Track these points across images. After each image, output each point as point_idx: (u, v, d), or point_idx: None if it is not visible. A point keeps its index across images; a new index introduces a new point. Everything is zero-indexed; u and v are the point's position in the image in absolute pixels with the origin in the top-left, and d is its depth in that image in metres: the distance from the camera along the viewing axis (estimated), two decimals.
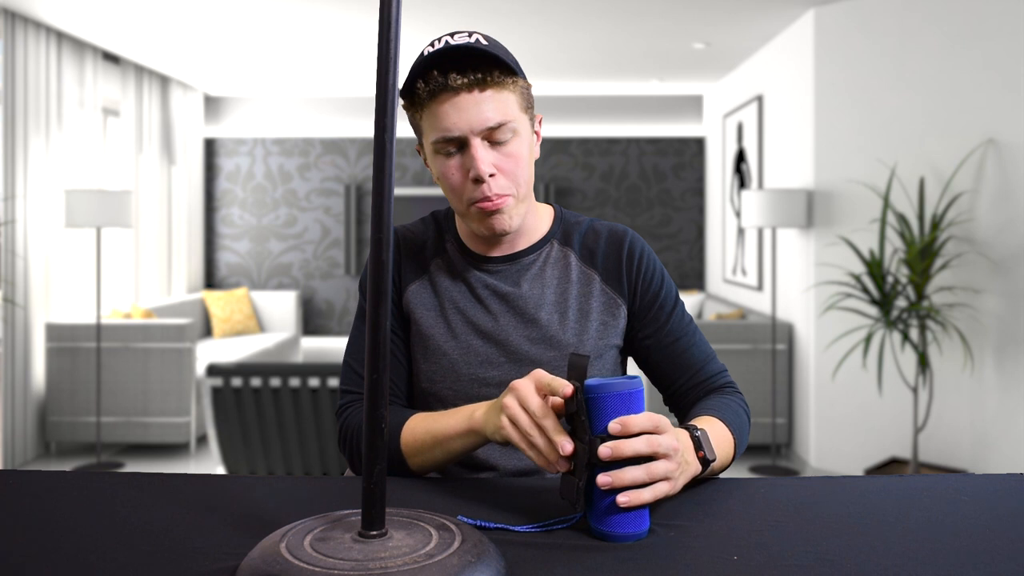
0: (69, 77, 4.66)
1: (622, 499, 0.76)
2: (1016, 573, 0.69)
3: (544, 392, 0.84)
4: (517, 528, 0.80)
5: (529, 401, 0.84)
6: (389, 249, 0.71)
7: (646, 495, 0.78)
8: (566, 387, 0.80)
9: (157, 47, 4.96)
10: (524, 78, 1.09)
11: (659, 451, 0.79)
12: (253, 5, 4.04)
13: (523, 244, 1.16)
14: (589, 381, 0.79)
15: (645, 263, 1.16)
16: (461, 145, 1.04)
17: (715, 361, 1.16)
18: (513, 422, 0.85)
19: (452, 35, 1.03)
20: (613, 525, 0.77)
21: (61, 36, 4.57)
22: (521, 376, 1.10)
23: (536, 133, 1.13)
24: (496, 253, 1.15)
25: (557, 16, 4.25)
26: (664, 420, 0.82)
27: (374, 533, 0.70)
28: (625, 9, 4.12)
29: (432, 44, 1.03)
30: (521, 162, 1.06)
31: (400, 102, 1.10)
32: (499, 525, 0.80)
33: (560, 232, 1.18)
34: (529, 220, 1.15)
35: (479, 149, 1.03)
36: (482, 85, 1.02)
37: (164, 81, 5.81)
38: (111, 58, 5.16)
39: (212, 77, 5.93)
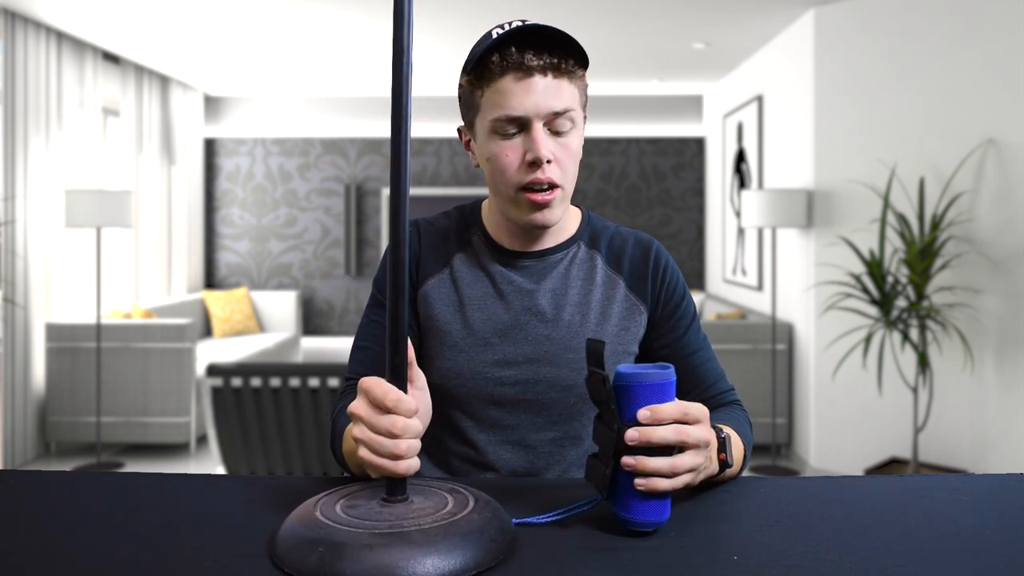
0: (69, 77, 4.66)
1: (639, 482, 0.77)
2: (1016, 573, 0.69)
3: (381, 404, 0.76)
4: (536, 519, 0.81)
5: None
6: (406, 246, 0.74)
7: (664, 483, 0.77)
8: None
9: (157, 47, 4.96)
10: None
11: (688, 441, 0.79)
12: (253, 5, 4.04)
13: (551, 242, 1.14)
14: (621, 368, 0.79)
15: (670, 273, 1.16)
16: (521, 127, 1.03)
17: (725, 380, 1.16)
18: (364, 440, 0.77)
19: (524, 21, 1.01)
20: (634, 512, 0.77)
21: (61, 36, 4.57)
22: (538, 377, 1.10)
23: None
24: (524, 249, 1.14)
25: (557, 16, 4.24)
26: (699, 409, 0.80)
27: (398, 498, 0.76)
28: (625, 9, 4.12)
29: (503, 26, 1.01)
30: (574, 156, 1.05)
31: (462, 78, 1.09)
32: (522, 520, 0.81)
33: (588, 234, 1.17)
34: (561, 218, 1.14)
35: (541, 133, 1.02)
36: (556, 71, 1.01)
37: (164, 81, 5.81)
38: (111, 58, 5.16)
39: (212, 77, 5.93)
